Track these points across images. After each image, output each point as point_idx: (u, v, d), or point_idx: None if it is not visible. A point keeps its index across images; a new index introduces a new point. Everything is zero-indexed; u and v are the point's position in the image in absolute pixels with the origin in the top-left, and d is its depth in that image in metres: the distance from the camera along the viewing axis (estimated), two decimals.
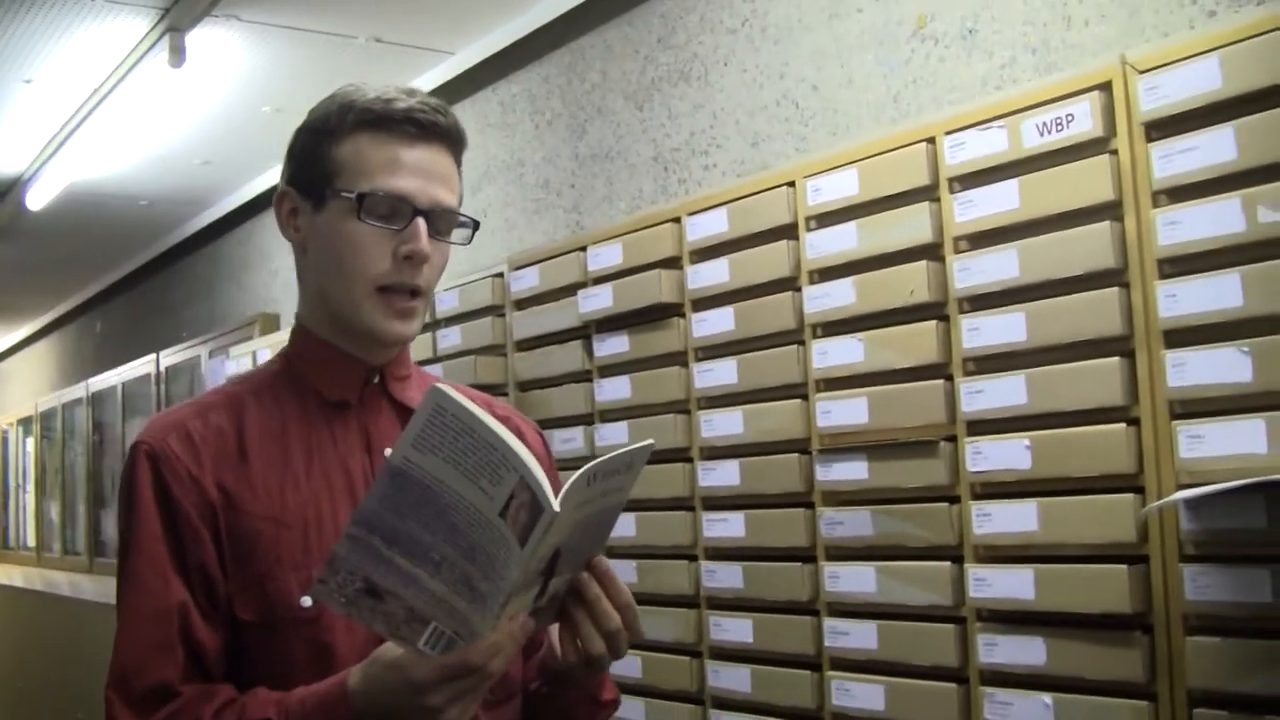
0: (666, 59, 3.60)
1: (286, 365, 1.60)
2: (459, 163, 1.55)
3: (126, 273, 8.04)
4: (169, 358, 6.77)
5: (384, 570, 1.21)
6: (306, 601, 1.42)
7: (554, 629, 1.42)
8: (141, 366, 7.08)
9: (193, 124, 4.90)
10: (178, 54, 3.78)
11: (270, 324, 5.74)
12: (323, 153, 1.50)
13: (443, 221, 1.52)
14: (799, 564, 2.59)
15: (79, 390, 8.14)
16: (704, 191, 3.28)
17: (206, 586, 1.44)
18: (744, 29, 3.33)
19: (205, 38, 3.91)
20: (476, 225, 1.57)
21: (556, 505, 1.18)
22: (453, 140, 1.53)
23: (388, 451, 1.51)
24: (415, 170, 1.48)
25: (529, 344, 3.43)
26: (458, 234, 1.55)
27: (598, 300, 3.15)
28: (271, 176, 5.64)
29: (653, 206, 3.52)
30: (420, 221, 1.48)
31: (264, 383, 1.58)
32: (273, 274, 6.07)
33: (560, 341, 3.29)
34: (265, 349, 4.94)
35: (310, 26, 3.93)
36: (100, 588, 6.42)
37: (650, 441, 1.37)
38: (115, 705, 1.39)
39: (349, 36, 4.05)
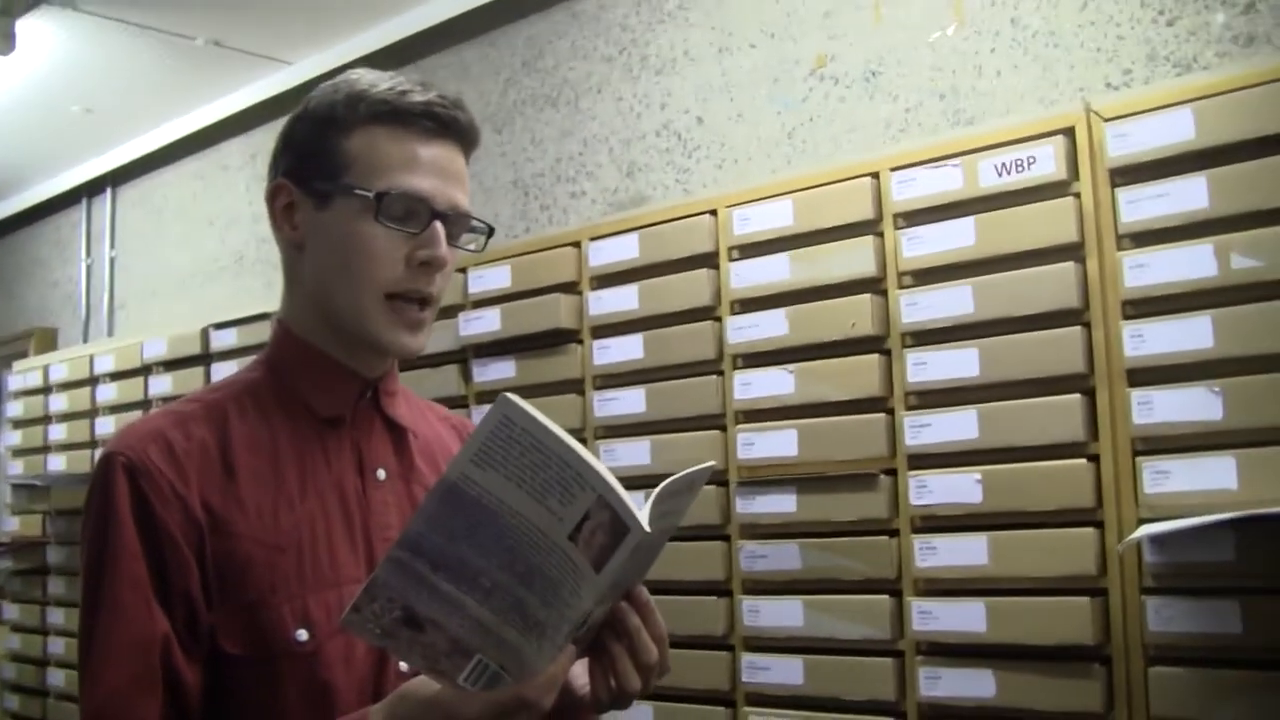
0: (531, 83, 3.55)
1: (270, 374, 1.47)
2: (468, 162, 1.47)
3: None
4: None
5: (427, 597, 1.12)
6: (302, 635, 1.32)
7: (579, 662, 1.33)
8: None
9: None
10: (7, 40, 3.50)
11: (47, 340, 5.37)
12: (329, 145, 1.39)
13: (457, 226, 1.43)
14: (714, 598, 2.55)
15: None
16: (579, 219, 3.24)
17: (189, 618, 1.31)
18: (621, 57, 3.31)
19: (33, 26, 3.63)
20: (491, 231, 1.49)
21: (647, 525, 1.12)
22: (470, 138, 1.45)
23: (380, 473, 1.46)
24: (433, 169, 1.39)
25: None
26: (469, 239, 1.47)
27: (481, 324, 3.04)
28: (68, 179, 5.30)
29: (511, 233, 3.46)
30: (439, 225, 1.39)
31: (244, 392, 1.45)
32: (51, 286, 5.67)
33: (433, 365, 3.16)
34: (58, 364, 4.60)
35: (151, 23, 3.72)
36: None
37: (712, 463, 1.32)
38: None
39: (188, 37, 3.85)
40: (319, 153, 1.40)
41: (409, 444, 1.52)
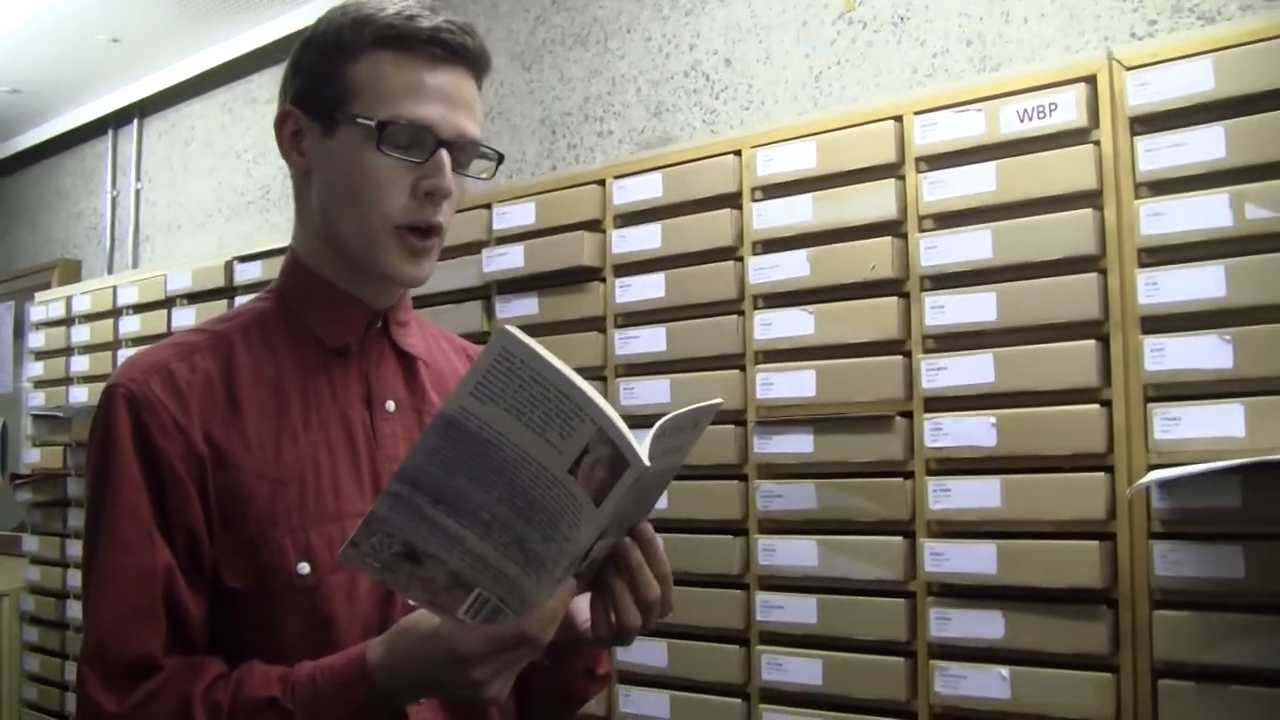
0: (561, 21, 3.60)
1: (279, 303, 1.50)
2: (480, 88, 1.46)
3: None
4: None
5: (426, 531, 1.15)
6: (304, 568, 1.35)
7: (581, 597, 1.35)
8: None
9: (8, 46, 4.63)
10: None
11: (71, 271, 5.47)
12: (336, 72, 1.40)
13: (464, 154, 1.44)
14: (730, 537, 2.64)
15: None
16: (605, 158, 3.32)
17: (191, 549, 1.34)
18: None
19: None
20: (500, 158, 1.50)
21: (647, 459, 1.13)
22: (479, 64, 1.45)
23: (389, 404, 1.49)
24: (439, 96, 1.39)
25: (420, 302, 3.37)
26: (478, 166, 1.48)
27: (505, 260, 3.13)
28: (92, 110, 5.38)
29: (537, 171, 3.53)
30: (444, 154, 1.39)
31: (252, 322, 1.48)
32: (75, 217, 5.77)
33: (456, 301, 3.25)
34: (81, 295, 4.71)
35: None
36: None
37: (719, 400, 1.36)
38: (90, 681, 1.29)
39: None
40: (325, 79, 1.41)
41: (420, 374, 1.54)
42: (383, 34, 1.38)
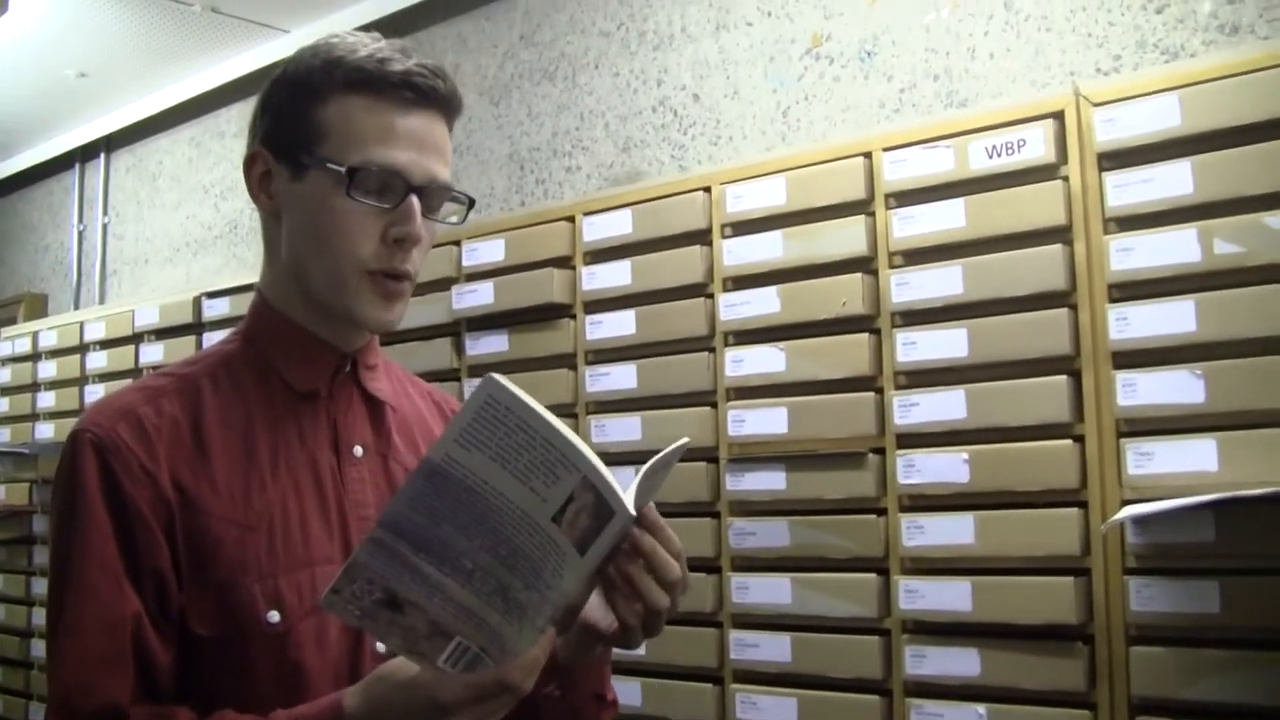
0: (529, 56, 3.60)
1: (246, 346, 1.47)
2: (451, 131, 1.44)
3: None
4: None
5: (408, 579, 1.13)
6: (274, 616, 1.32)
7: (594, 603, 1.32)
8: None
9: None
10: (1, 1, 3.54)
11: (37, 305, 5.41)
12: (305, 113, 1.38)
13: (435, 198, 1.41)
14: (703, 574, 2.62)
15: None
16: (573, 194, 3.31)
17: (159, 595, 1.31)
18: (619, 32, 3.36)
19: None
20: (471, 203, 1.48)
21: (631, 508, 1.13)
22: (451, 108, 1.42)
23: (357, 450, 1.46)
24: (410, 141, 1.37)
25: (389, 339, 3.35)
26: (449, 209, 1.45)
27: (474, 297, 3.11)
28: (61, 144, 5.34)
29: (506, 207, 3.52)
30: (414, 200, 1.37)
31: (219, 365, 1.45)
32: (41, 251, 5.72)
33: (426, 338, 3.23)
34: (47, 330, 4.65)
35: None
36: None
37: (686, 440, 1.34)
38: None
39: (185, 3, 3.89)
40: (294, 121, 1.38)
41: (387, 419, 1.52)
42: (353, 76, 1.36)
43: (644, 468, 1.18)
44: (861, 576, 2.40)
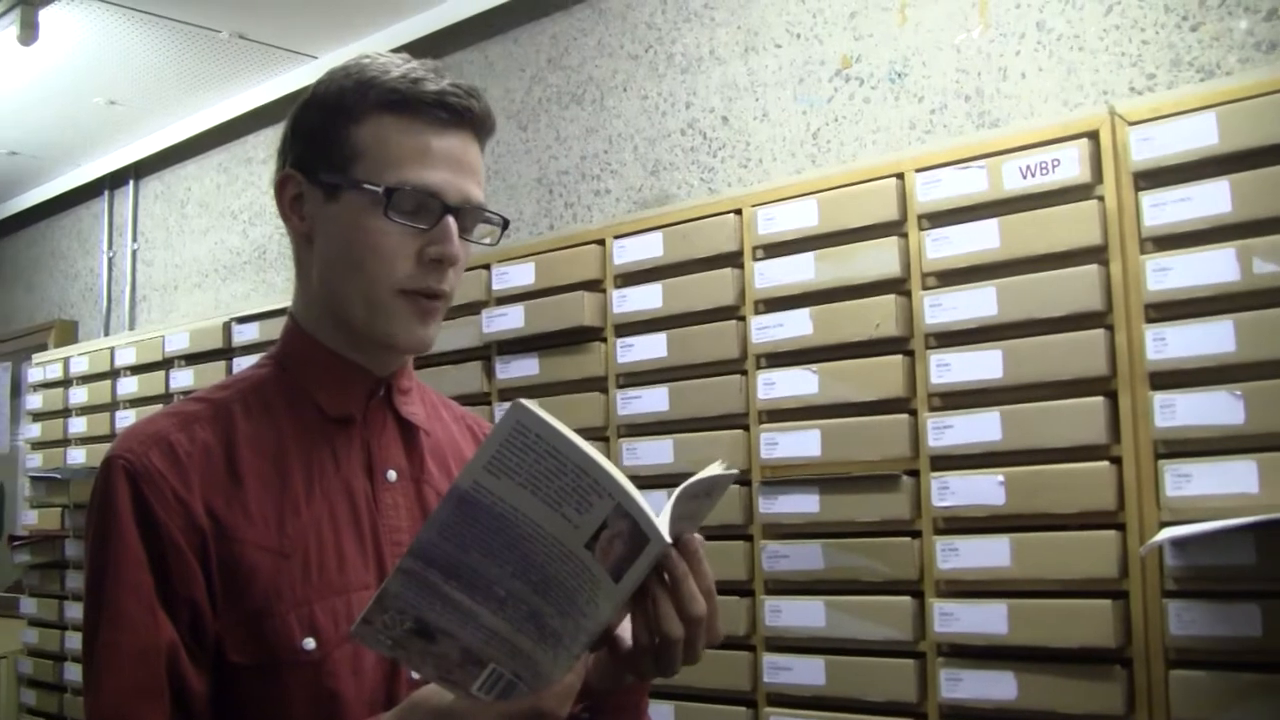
0: (556, 80, 3.60)
1: (279, 371, 1.46)
2: (483, 151, 1.43)
3: None
4: None
5: (440, 607, 1.12)
6: (309, 643, 1.31)
7: (624, 624, 1.27)
8: None
9: (7, 109, 4.63)
10: (30, 30, 3.56)
11: (67, 332, 5.44)
12: (338, 135, 1.37)
13: (470, 219, 1.40)
14: (736, 598, 2.60)
15: None
16: (602, 217, 3.32)
17: (194, 623, 1.30)
18: (647, 55, 3.36)
19: (56, 15, 3.70)
20: (506, 223, 1.47)
21: (668, 535, 1.11)
22: (485, 128, 1.42)
23: (390, 474, 1.44)
24: (445, 161, 1.36)
25: (420, 363, 3.35)
26: (482, 230, 1.45)
27: (505, 321, 3.11)
28: (90, 171, 5.38)
29: (535, 231, 3.52)
30: (450, 221, 1.35)
31: (251, 390, 1.44)
32: (71, 278, 5.75)
33: (456, 362, 3.22)
34: (78, 357, 4.68)
35: (175, 15, 3.77)
36: None
37: (734, 470, 1.31)
38: None
39: (212, 30, 3.91)
40: (327, 143, 1.38)
41: (420, 444, 1.50)
42: (388, 97, 1.36)
43: (677, 491, 1.15)
44: (896, 599, 2.38)
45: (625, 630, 1.28)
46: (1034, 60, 2.58)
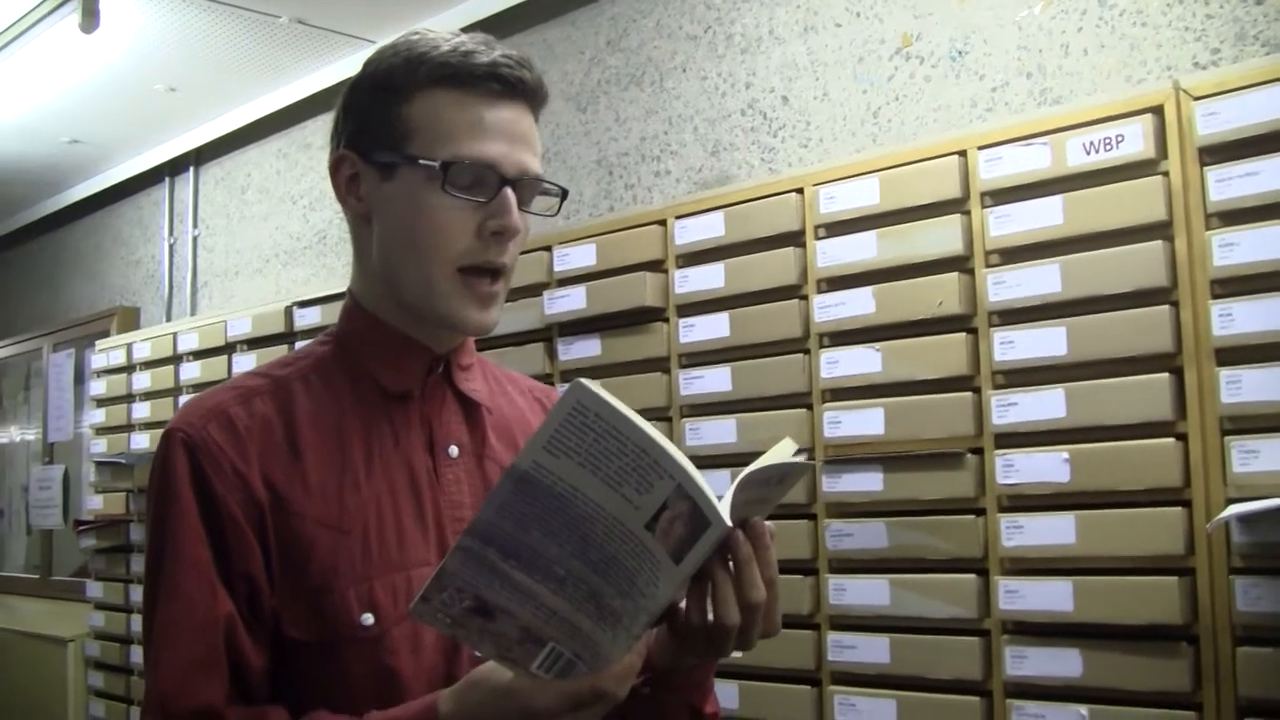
0: (615, 61, 3.64)
1: (339, 348, 1.48)
2: (538, 121, 1.43)
3: None
4: (0, 350, 6.47)
5: (498, 586, 1.13)
6: (368, 619, 1.33)
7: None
8: None
9: (68, 96, 4.71)
10: (91, 18, 3.64)
11: (129, 318, 5.55)
12: (391, 113, 1.37)
13: (528, 190, 1.40)
14: (800, 576, 2.64)
15: None
16: (662, 198, 3.36)
17: (252, 598, 1.32)
18: (706, 36, 3.39)
19: (118, 3, 3.78)
20: (565, 194, 1.47)
21: (728, 519, 1.11)
22: (538, 98, 1.42)
23: (452, 450, 1.46)
24: (500, 133, 1.36)
25: (480, 345, 3.40)
26: (542, 202, 1.44)
27: (566, 302, 3.16)
28: (151, 158, 5.48)
29: (595, 212, 3.57)
30: (509, 193, 1.36)
31: (312, 367, 1.46)
32: (133, 265, 5.87)
33: (518, 344, 3.28)
34: (141, 342, 4.79)
35: (235, 1, 3.84)
36: None
37: (812, 463, 1.31)
38: None
39: (272, 15, 3.97)
40: (380, 121, 1.38)
41: (482, 420, 1.51)
42: (438, 72, 1.36)
43: (742, 475, 1.14)
44: (960, 577, 2.42)
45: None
46: (1096, 36, 2.60)
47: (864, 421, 2.57)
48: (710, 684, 1.50)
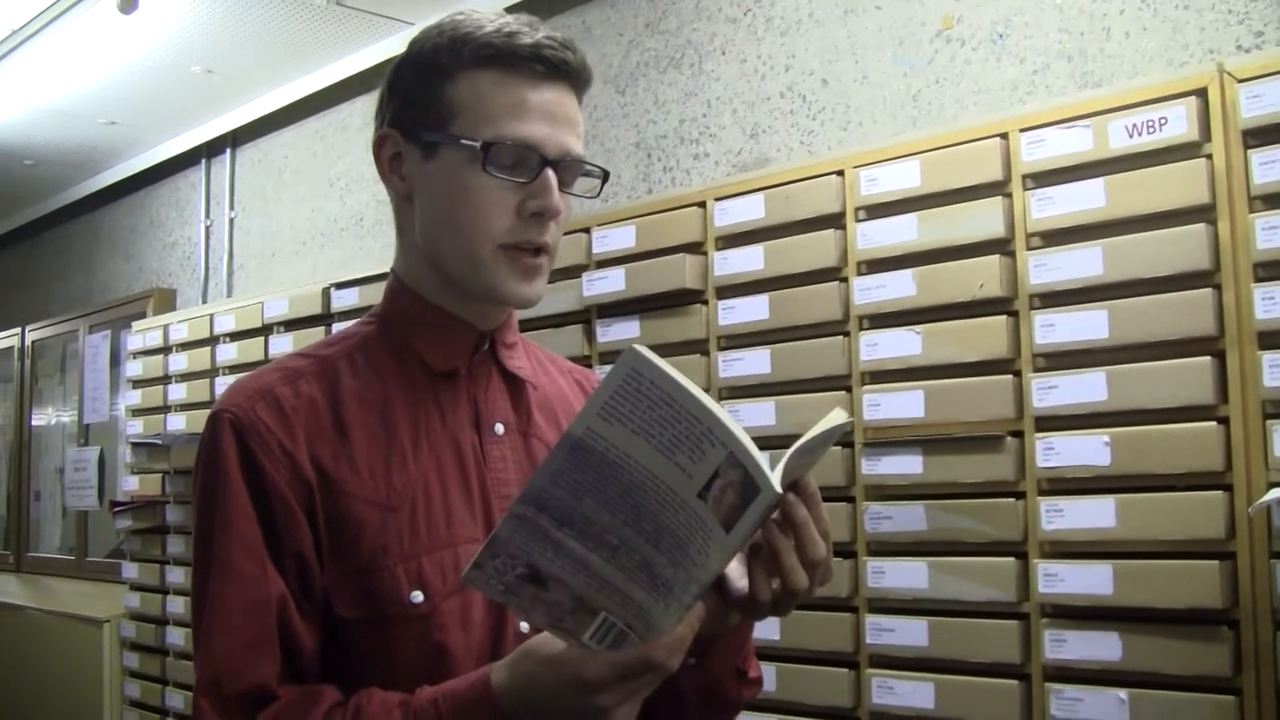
0: (654, 44, 3.67)
1: (383, 327, 1.50)
2: (581, 103, 1.44)
3: None
4: (36, 332, 6.56)
5: (552, 554, 1.14)
6: (417, 596, 1.35)
7: (734, 568, 1.30)
8: (2, 340, 6.83)
9: (106, 78, 4.78)
10: (129, 0, 3.69)
11: (166, 300, 5.63)
12: (434, 93, 1.40)
13: (569, 172, 1.42)
14: (839, 559, 2.68)
15: None
16: (701, 181, 3.39)
17: (302, 577, 1.34)
18: (745, 19, 3.42)
19: None
20: (606, 175, 1.49)
21: (778, 486, 1.11)
22: (581, 80, 1.43)
23: (498, 427, 1.49)
24: (543, 114, 1.38)
25: (519, 327, 3.45)
26: (583, 184, 1.47)
27: (605, 284, 3.20)
28: (187, 140, 5.54)
29: (633, 195, 3.60)
30: (550, 174, 1.38)
31: (356, 347, 1.48)
32: (169, 246, 5.94)
33: (557, 325, 3.32)
34: (178, 324, 4.85)
35: None
36: None
37: (850, 419, 1.36)
38: (207, 715, 1.29)
39: None
40: (424, 101, 1.40)
41: (527, 397, 1.53)
42: (482, 52, 1.38)
43: (798, 443, 1.16)
44: (999, 560, 2.45)
45: (733, 573, 1.32)
46: (1138, 19, 2.61)
47: (904, 404, 2.60)
48: (751, 645, 1.54)
